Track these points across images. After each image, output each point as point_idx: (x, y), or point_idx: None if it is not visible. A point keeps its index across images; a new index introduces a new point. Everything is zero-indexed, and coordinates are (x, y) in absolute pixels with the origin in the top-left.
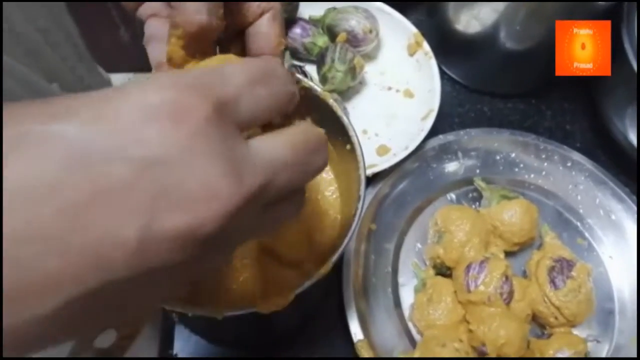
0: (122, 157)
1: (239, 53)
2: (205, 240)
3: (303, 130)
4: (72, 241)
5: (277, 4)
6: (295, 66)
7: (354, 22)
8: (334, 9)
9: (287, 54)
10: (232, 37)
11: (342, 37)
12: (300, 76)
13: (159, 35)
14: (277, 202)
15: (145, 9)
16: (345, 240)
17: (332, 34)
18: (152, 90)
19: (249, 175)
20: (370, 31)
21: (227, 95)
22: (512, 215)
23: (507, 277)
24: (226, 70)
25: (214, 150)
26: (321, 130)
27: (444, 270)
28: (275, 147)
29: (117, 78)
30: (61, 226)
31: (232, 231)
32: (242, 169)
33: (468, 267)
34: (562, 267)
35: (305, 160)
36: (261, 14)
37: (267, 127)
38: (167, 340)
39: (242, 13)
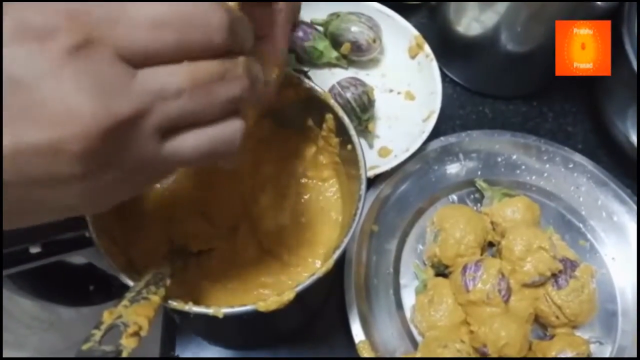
0: None
1: None
2: (82, 156)
3: (217, 63)
4: None
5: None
6: (299, 70)
7: (358, 33)
8: (337, 16)
9: (292, 57)
10: None
11: (346, 47)
12: (301, 77)
13: None
14: (179, 131)
15: None
16: (346, 239)
17: (335, 42)
18: (35, 10)
19: (119, 101)
20: (374, 41)
21: (111, 30)
22: (514, 211)
23: (502, 275)
24: (131, 12)
25: (80, 74)
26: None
27: (442, 269)
28: (169, 76)
29: None
30: None
31: (116, 151)
32: (111, 95)
33: (464, 268)
34: (565, 267)
35: (206, 90)
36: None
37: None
38: (169, 341)
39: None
